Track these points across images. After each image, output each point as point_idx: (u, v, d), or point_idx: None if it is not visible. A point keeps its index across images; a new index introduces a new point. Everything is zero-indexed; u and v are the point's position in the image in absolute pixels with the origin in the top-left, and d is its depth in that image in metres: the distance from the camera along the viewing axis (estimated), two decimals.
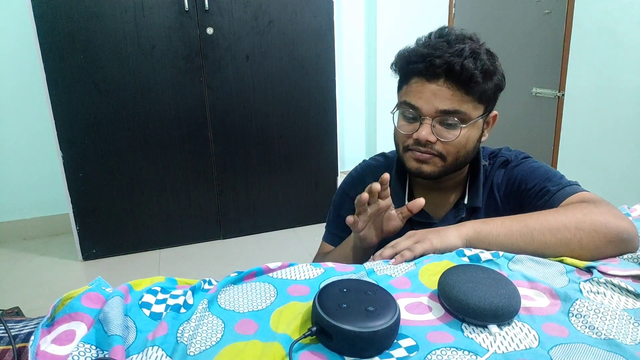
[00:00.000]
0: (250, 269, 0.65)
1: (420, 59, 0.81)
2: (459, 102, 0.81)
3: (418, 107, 0.82)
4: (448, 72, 0.79)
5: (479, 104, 0.83)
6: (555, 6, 2.22)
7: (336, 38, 2.61)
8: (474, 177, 0.94)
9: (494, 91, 0.85)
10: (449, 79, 0.80)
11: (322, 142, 2.74)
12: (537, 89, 2.36)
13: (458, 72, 0.78)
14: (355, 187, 0.99)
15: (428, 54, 0.80)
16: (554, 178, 0.85)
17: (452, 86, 0.80)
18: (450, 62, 0.78)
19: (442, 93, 0.80)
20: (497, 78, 0.84)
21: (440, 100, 0.80)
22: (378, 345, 0.50)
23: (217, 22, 2.34)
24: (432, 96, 0.81)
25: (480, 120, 0.86)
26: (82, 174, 2.32)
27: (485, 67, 0.80)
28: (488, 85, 0.82)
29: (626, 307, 0.57)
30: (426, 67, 0.80)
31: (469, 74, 0.79)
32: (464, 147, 0.84)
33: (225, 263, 2.42)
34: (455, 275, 0.58)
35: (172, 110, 2.38)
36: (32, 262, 2.47)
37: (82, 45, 2.17)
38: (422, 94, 0.81)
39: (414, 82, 0.83)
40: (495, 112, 0.90)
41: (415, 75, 0.83)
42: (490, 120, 0.90)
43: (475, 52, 0.80)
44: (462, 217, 0.92)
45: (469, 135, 0.84)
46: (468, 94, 0.81)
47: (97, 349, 0.51)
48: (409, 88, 0.84)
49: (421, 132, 0.82)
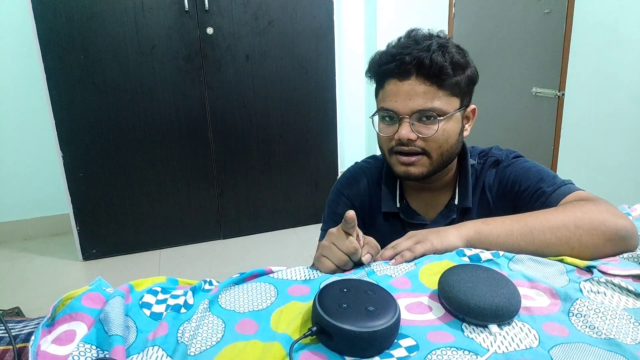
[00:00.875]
0: (252, 270, 0.65)
1: (391, 58, 0.83)
2: (433, 97, 0.82)
3: (394, 109, 0.83)
4: (418, 68, 0.81)
5: (452, 97, 0.84)
6: (555, 6, 2.22)
7: (336, 38, 2.62)
8: (462, 177, 0.94)
9: (467, 84, 0.86)
10: (420, 75, 0.81)
11: (322, 142, 2.74)
12: (537, 88, 2.36)
13: (428, 65, 0.80)
14: (350, 186, 1.00)
15: (397, 52, 0.82)
16: (548, 178, 0.85)
17: (424, 82, 0.81)
18: (419, 57, 0.80)
19: (416, 90, 0.81)
20: (470, 71, 0.86)
21: (414, 99, 0.82)
22: (378, 345, 0.50)
23: (217, 22, 2.34)
24: (406, 96, 0.82)
25: (459, 114, 0.86)
26: (82, 173, 2.32)
27: (455, 60, 0.82)
28: (460, 77, 0.84)
29: (626, 306, 0.57)
30: (397, 66, 0.82)
31: (439, 66, 0.80)
32: (446, 141, 0.85)
33: (225, 263, 2.42)
34: (456, 275, 0.58)
35: (172, 110, 2.38)
36: (32, 262, 2.47)
37: (82, 45, 2.17)
38: (397, 96, 0.83)
39: (388, 85, 0.85)
40: (473, 106, 0.91)
41: (388, 77, 0.84)
42: (470, 114, 0.91)
43: (443, 45, 0.82)
44: (453, 219, 0.92)
45: (448, 128, 0.85)
46: (440, 88, 0.82)
47: (97, 349, 0.51)
48: (385, 92, 0.85)
49: (401, 131, 0.83)
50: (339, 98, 2.72)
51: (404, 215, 0.95)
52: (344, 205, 0.97)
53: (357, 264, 0.72)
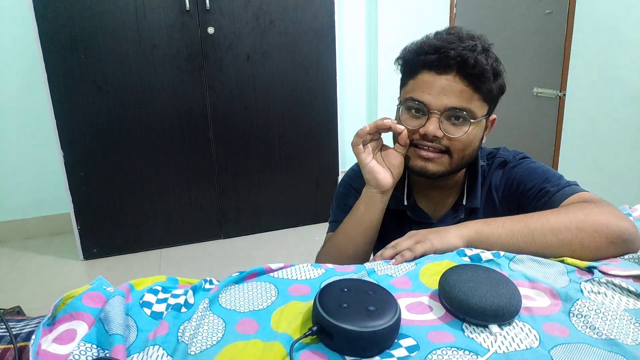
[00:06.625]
0: (251, 269, 0.65)
1: (433, 50, 0.80)
2: (468, 99, 0.80)
3: (426, 102, 0.80)
4: (460, 66, 0.78)
5: (484, 102, 0.83)
6: (556, 6, 2.21)
7: (337, 38, 2.61)
8: (472, 177, 0.93)
9: (498, 93, 0.85)
10: (460, 73, 0.79)
11: (323, 141, 2.74)
12: (539, 88, 2.36)
13: (471, 65, 0.78)
14: (360, 179, 0.98)
15: (441, 45, 0.79)
16: (553, 178, 0.85)
17: (462, 81, 0.79)
18: (463, 55, 0.78)
19: (452, 88, 0.79)
20: (502, 80, 0.85)
21: (450, 96, 0.79)
22: (379, 344, 0.50)
23: (218, 21, 2.34)
24: (441, 91, 0.79)
25: (484, 121, 0.86)
26: (83, 173, 2.32)
27: (495, 66, 0.81)
28: (495, 84, 0.83)
29: (627, 307, 0.57)
30: (438, 59, 0.79)
31: (481, 68, 0.78)
32: (470, 145, 0.84)
33: (226, 263, 2.42)
34: (456, 275, 0.58)
35: (173, 109, 2.38)
36: (33, 262, 2.47)
37: (83, 45, 2.18)
38: (431, 88, 0.80)
39: (422, 76, 0.81)
40: (494, 116, 0.90)
41: (425, 68, 0.81)
42: (489, 123, 0.90)
43: (487, 49, 0.81)
44: (460, 218, 0.92)
45: (475, 133, 0.84)
46: (477, 91, 0.80)
47: (98, 348, 0.51)
48: (417, 83, 0.82)
49: (429, 126, 0.80)
50: (339, 98, 2.72)
51: (411, 214, 0.95)
52: (354, 197, 0.96)
53: (357, 263, 0.72)
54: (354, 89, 3.35)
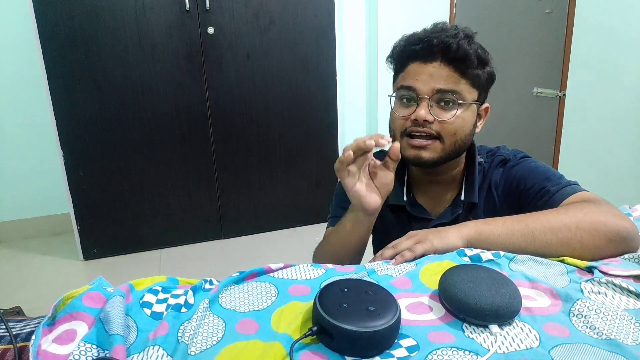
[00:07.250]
0: (251, 269, 0.65)
1: (418, 41, 0.85)
2: (455, 82, 0.83)
3: (415, 87, 0.84)
4: (444, 52, 0.82)
5: (473, 88, 0.85)
6: (556, 6, 2.21)
7: (337, 37, 2.62)
8: (470, 173, 0.94)
9: (487, 80, 0.88)
10: (444, 59, 0.83)
11: (323, 141, 2.74)
12: (538, 88, 2.36)
13: (454, 50, 0.81)
14: None
15: (425, 36, 0.85)
16: (553, 178, 0.85)
17: (448, 66, 0.83)
18: (446, 41, 0.82)
19: (439, 73, 0.83)
20: (490, 68, 0.87)
21: (437, 80, 0.83)
22: (379, 345, 0.50)
23: (218, 21, 2.34)
24: (429, 77, 0.83)
25: (475, 106, 0.87)
26: (83, 173, 2.32)
27: (479, 52, 0.84)
28: (482, 71, 0.86)
29: (627, 307, 0.57)
30: (423, 48, 0.83)
31: (464, 52, 0.82)
32: (461, 129, 0.85)
33: (226, 263, 2.42)
34: (456, 275, 0.58)
35: (173, 109, 2.38)
36: (33, 262, 2.47)
37: (83, 44, 2.17)
38: (419, 75, 0.84)
39: (410, 66, 0.86)
40: (487, 105, 0.92)
41: (412, 59, 0.85)
42: (482, 112, 0.92)
43: (469, 36, 0.84)
44: (459, 214, 0.93)
45: (465, 117, 0.85)
46: (463, 76, 0.84)
47: (98, 348, 0.51)
48: (406, 73, 0.86)
49: (419, 111, 0.83)
50: (339, 97, 2.72)
51: (411, 209, 0.96)
52: None
53: (358, 263, 0.72)
54: (354, 88, 3.35)
